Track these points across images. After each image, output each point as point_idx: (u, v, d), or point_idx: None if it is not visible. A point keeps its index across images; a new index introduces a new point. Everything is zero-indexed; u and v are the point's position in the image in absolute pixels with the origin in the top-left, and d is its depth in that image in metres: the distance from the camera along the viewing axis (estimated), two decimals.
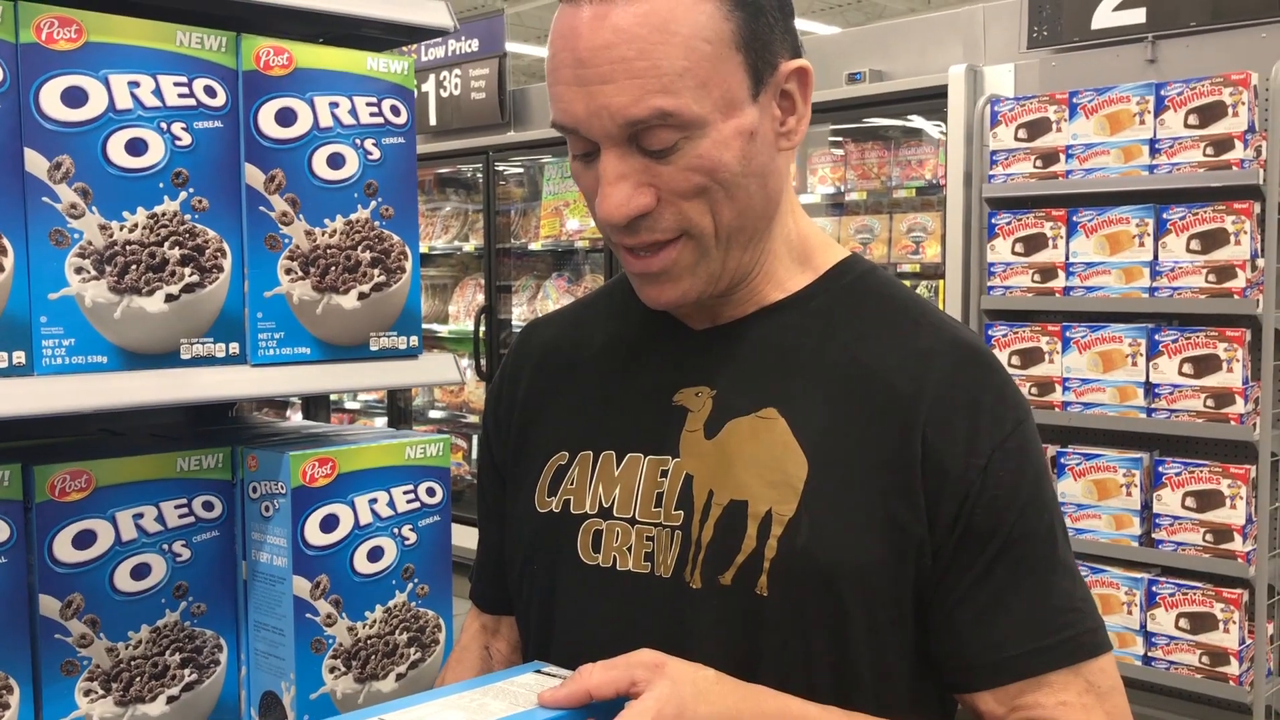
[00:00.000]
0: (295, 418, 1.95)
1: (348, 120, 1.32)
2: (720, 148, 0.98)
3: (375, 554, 1.33)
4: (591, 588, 1.09)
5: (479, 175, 6.21)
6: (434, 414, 6.68)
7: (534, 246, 5.93)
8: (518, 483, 1.19)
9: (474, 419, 6.39)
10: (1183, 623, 3.42)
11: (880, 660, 1.02)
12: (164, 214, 1.20)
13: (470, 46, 6.25)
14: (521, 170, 6.27)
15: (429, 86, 6.42)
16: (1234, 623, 3.33)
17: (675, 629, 1.03)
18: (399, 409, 6.66)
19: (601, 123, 0.97)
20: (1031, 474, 1.03)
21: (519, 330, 1.32)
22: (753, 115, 1.00)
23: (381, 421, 6.74)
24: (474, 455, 6.49)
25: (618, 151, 0.98)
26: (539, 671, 1.03)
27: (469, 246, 6.32)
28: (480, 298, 6.19)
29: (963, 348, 1.06)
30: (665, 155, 0.97)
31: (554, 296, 5.90)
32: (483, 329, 5.97)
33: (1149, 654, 3.49)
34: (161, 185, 1.20)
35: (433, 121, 6.42)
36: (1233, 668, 3.33)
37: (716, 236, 1.02)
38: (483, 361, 5.93)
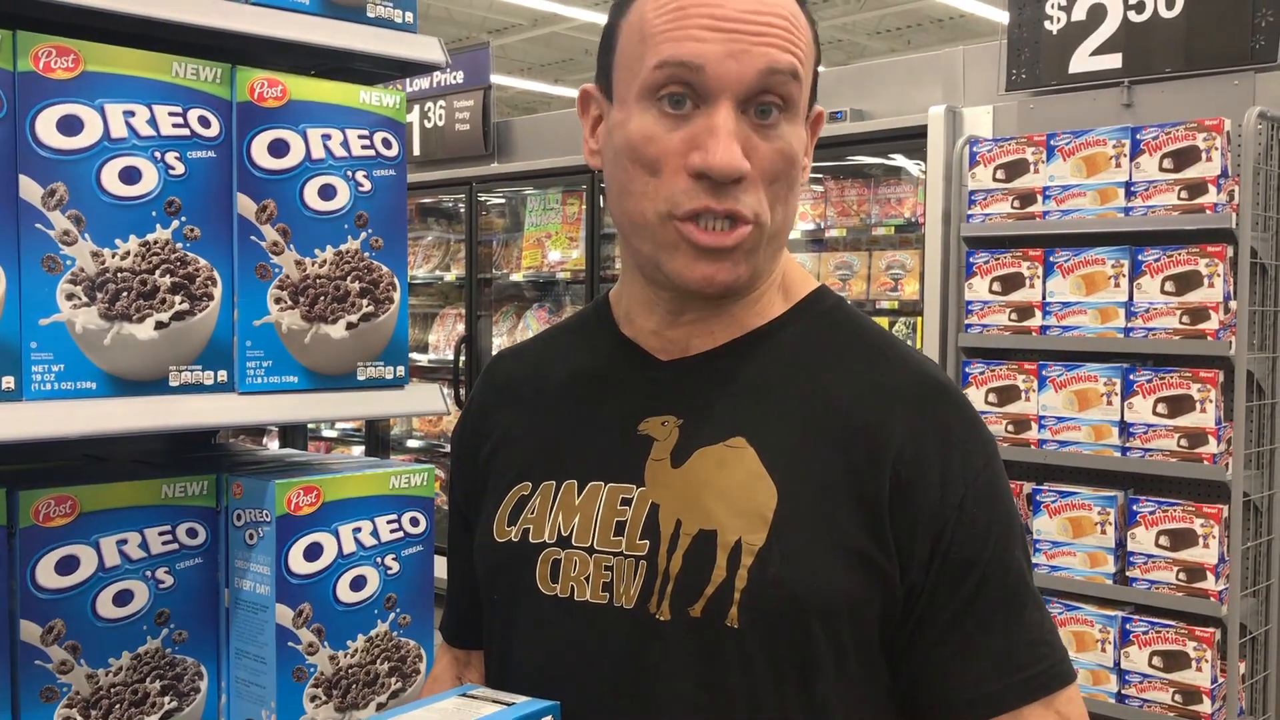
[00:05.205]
0: (272, 445, 1.96)
1: (340, 152, 1.34)
2: (798, 143, 1.04)
3: (358, 583, 1.33)
4: (550, 618, 1.08)
5: (461, 205, 6.23)
6: (412, 443, 6.66)
7: (515, 277, 5.95)
8: (482, 514, 1.18)
9: None
10: (1156, 661, 3.44)
11: (850, 693, 1.02)
12: (156, 242, 1.21)
13: (455, 78, 6.29)
14: (503, 201, 6.30)
15: (414, 116, 6.45)
16: (1207, 661, 3.35)
17: (639, 661, 1.02)
18: (377, 438, 6.64)
19: (740, 66, 0.99)
20: (1003, 510, 1.05)
21: (488, 362, 1.32)
22: (804, 132, 1.07)
23: (359, 450, 6.71)
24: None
25: (734, 112, 1.00)
26: (464, 695, 1.03)
27: (450, 276, 6.33)
28: (461, 327, 6.20)
29: (928, 383, 1.07)
30: (768, 128, 1.01)
31: (534, 327, 5.91)
32: (463, 359, 5.97)
33: (1122, 691, 3.50)
34: (154, 214, 1.21)
35: (417, 151, 6.45)
36: (1205, 706, 3.35)
37: (768, 232, 1.04)
38: (462, 391, 5.92)
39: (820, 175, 4.81)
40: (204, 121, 1.25)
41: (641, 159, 1.02)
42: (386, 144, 1.38)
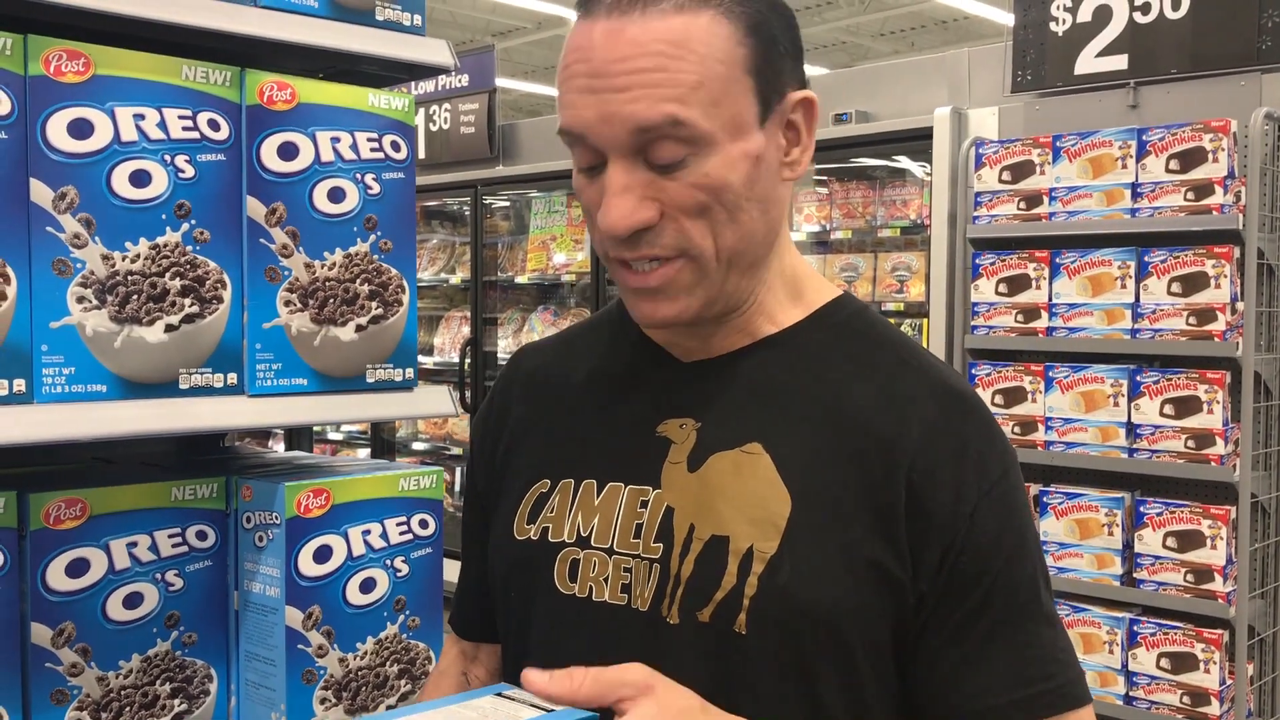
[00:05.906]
0: (278, 447, 1.96)
1: (349, 155, 1.34)
2: (727, 168, 0.99)
3: (368, 585, 1.34)
4: (567, 617, 1.08)
5: (466, 208, 6.23)
6: (417, 445, 6.66)
7: (520, 280, 5.95)
8: (499, 509, 1.18)
9: (457, 451, 6.38)
10: (1164, 662, 3.43)
11: (857, 703, 1.01)
12: (166, 245, 1.22)
13: (460, 81, 6.30)
14: (508, 204, 6.31)
15: (419, 120, 6.46)
16: (1215, 663, 3.34)
17: (650, 663, 1.00)
18: (382, 440, 6.64)
19: (612, 129, 0.97)
20: (1017, 523, 1.03)
21: (509, 356, 1.31)
22: (759, 141, 1.01)
23: (364, 452, 6.72)
24: (458, 488, 6.48)
25: (625, 163, 0.98)
26: (499, 695, 1.02)
27: (455, 279, 6.34)
28: (466, 330, 6.20)
29: (949, 393, 1.06)
30: (672, 170, 0.98)
31: (539, 329, 5.92)
32: (468, 361, 5.98)
33: (1130, 693, 3.50)
34: (164, 217, 1.21)
35: (422, 154, 6.46)
36: (1213, 708, 3.34)
37: (717, 259, 1.02)
38: (467, 394, 5.93)
39: (825, 177, 4.80)
40: (213, 124, 1.25)
41: (582, 205, 1.06)
42: (395, 147, 1.38)
